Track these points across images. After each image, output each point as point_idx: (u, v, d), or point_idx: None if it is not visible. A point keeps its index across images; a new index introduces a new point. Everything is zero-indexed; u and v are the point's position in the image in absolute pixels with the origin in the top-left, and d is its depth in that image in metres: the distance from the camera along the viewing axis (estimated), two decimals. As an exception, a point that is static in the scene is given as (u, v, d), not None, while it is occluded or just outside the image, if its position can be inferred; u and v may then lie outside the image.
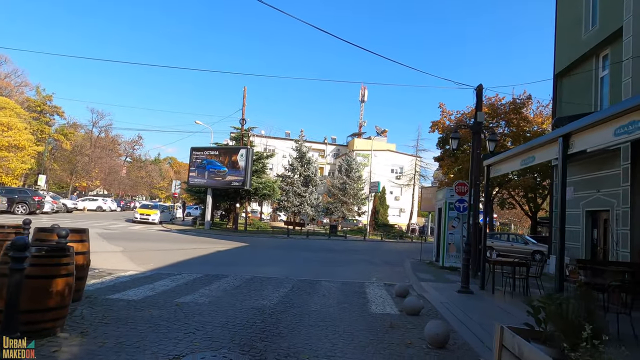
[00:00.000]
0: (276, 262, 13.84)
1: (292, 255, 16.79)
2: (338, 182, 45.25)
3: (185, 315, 5.73)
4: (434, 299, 8.73)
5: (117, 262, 10.54)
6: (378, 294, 8.76)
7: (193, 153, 28.75)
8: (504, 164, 9.36)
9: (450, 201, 14.65)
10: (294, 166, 36.08)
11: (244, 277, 9.67)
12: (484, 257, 10.15)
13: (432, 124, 28.37)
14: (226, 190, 28.86)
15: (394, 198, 61.20)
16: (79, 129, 57.55)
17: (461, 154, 27.07)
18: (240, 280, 9.23)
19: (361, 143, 68.76)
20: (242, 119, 28.34)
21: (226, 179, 27.33)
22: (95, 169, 53.74)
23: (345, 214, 44.82)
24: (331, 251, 19.95)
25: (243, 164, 26.70)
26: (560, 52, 14.85)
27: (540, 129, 25.66)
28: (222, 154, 27.82)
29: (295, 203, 34.83)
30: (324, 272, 11.96)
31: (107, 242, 14.69)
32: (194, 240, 19.20)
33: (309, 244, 23.07)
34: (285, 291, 8.30)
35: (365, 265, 14.80)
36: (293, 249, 19.44)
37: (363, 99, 79.74)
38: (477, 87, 12.63)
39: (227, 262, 12.76)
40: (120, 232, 19.80)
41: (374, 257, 18.57)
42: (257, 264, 12.87)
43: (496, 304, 8.35)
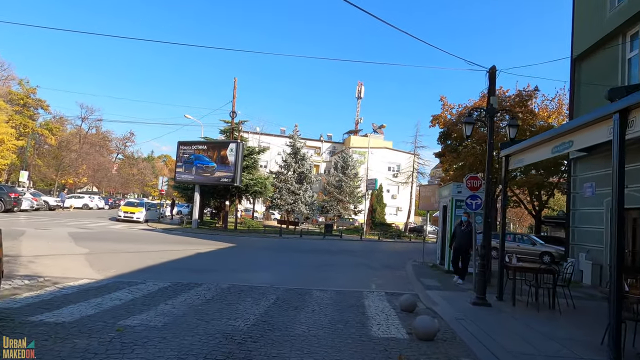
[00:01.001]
0: (263, 266, 12.35)
1: (281, 257, 15.30)
2: (334, 180, 43.79)
3: (122, 348, 4.23)
4: (446, 313, 7.28)
5: (72, 267, 9.01)
6: (380, 308, 7.29)
7: (180, 147, 27.15)
8: (527, 153, 7.91)
9: (457, 198, 13.21)
10: (287, 162, 34.53)
11: (220, 286, 8.17)
12: (502, 261, 8.70)
13: (432, 118, 26.92)
14: (215, 187, 27.30)
15: (391, 196, 59.82)
16: (66, 124, 55.69)
17: (463, 149, 25.70)
18: (214, 290, 7.73)
19: (358, 140, 67.30)
20: (232, 112, 26.78)
21: (215, 175, 25.76)
22: (83, 166, 51.89)
23: (341, 213, 43.37)
24: (325, 252, 18.47)
25: (233, 159, 25.14)
26: (579, 33, 13.44)
27: (545, 123, 24.28)
28: (210, 148, 26.24)
29: (289, 201, 33.31)
30: (316, 279, 10.48)
31: (74, 243, 13.12)
32: (177, 241, 17.67)
33: (301, 245, 21.59)
34: (267, 305, 6.82)
35: (363, 269, 13.35)
36: (284, 251, 17.95)
37: (359, 95, 78.24)
38: (490, 68, 11.15)
39: (206, 266, 11.25)
40: (96, 232, 18.23)
41: (371, 259, 17.12)
42: (240, 268, 11.36)
43: (523, 321, 6.90)
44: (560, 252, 20.38)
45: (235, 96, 26.98)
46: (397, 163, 61.52)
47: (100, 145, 70.25)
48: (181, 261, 11.59)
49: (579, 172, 13.26)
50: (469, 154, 23.71)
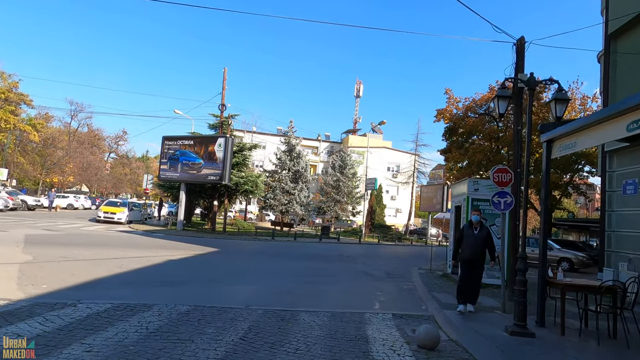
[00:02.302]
0: (243, 276, 10.36)
1: (269, 264, 13.32)
2: (331, 180, 41.83)
3: None
4: (476, 348, 5.35)
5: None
6: (389, 342, 5.35)
7: (165, 143, 25.14)
8: (584, 134, 5.97)
9: (474, 197, 11.30)
10: (282, 160, 32.51)
11: (177, 309, 6.20)
12: (544, 276, 6.77)
13: (437, 112, 24.92)
14: (202, 186, 25.29)
15: (390, 197, 57.92)
16: (53, 120, 53.48)
17: (470, 145, 23.83)
18: (166, 316, 5.77)
19: (356, 140, 65.40)
20: (221, 104, 24.79)
21: (202, 172, 23.77)
22: (70, 164, 49.71)
23: (338, 214, 41.40)
24: (320, 258, 16.50)
25: (221, 155, 23.15)
26: (615, 5, 11.55)
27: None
28: (197, 143, 24.24)
29: (283, 201, 31.30)
30: (306, 294, 8.52)
31: (21, 248, 11.11)
32: (153, 245, 15.67)
33: (295, 249, 19.62)
34: (232, 342, 4.86)
35: (363, 280, 11.38)
36: (273, 256, 15.99)
37: (358, 94, 76.49)
38: (518, 40, 9.31)
39: (173, 278, 9.27)
40: (62, 235, 16.21)
41: (372, 266, 15.17)
42: (214, 280, 9.38)
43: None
44: (581, 259, 18.51)
45: (225, 87, 25.03)
46: (397, 163, 59.66)
47: (91, 143, 68.17)
48: (143, 271, 9.59)
49: (617, 166, 11.34)
50: (477, 150, 21.82)
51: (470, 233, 7.40)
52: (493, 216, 11.22)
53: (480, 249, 7.30)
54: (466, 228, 7.58)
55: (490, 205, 11.31)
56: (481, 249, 7.31)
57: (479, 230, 7.39)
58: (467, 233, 7.43)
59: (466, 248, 7.36)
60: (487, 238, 7.35)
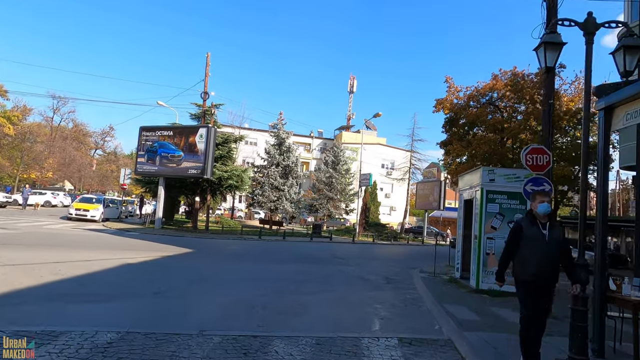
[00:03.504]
0: (212, 285, 8.50)
1: (248, 268, 11.46)
2: (323, 176, 40.03)
3: None
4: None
5: None
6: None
7: (142, 134, 23.14)
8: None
9: (489, 188, 9.55)
10: (271, 155, 30.59)
11: (97, 339, 4.36)
12: (605, 290, 5.02)
13: (436, 102, 23.15)
14: (183, 181, 23.34)
15: (385, 195, 56.26)
16: (31, 114, 51.01)
17: (472, 137, 22.17)
18: (72, 353, 3.91)
19: (350, 136, 63.67)
20: (203, 92, 22.85)
21: (182, 165, 21.83)
22: (50, 159, 47.34)
23: (331, 212, 39.64)
24: (310, 260, 14.69)
25: (203, 147, 21.24)
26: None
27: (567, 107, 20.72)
28: (177, 134, 22.27)
29: (272, 198, 29.41)
30: (287, 310, 6.69)
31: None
32: (119, 246, 13.76)
33: (282, 249, 17.79)
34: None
35: (358, 287, 9.59)
36: (256, 258, 14.16)
37: (352, 89, 74.74)
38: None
39: (118, 289, 7.36)
40: (14, 234, 14.24)
41: (368, 268, 13.40)
42: (173, 290, 7.51)
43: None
44: (596, 259, 16.87)
45: (208, 74, 23.09)
46: (392, 160, 58.05)
47: (76, 139, 65.77)
48: (84, 279, 7.69)
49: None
50: (482, 141, 20.13)
51: (535, 234, 4.18)
52: (512, 211, 9.50)
53: (556, 260, 4.18)
54: (526, 225, 4.28)
55: (509, 199, 9.61)
56: (557, 260, 4.20)
57: (549, 229, 4.19)
58: (530, 233, 4.20)
59: (531, 259, 4.13)
60: (564, 242, 4.48)
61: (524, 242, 4.22)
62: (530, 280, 4.16)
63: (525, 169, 7.55)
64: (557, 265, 4.23)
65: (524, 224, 4.31)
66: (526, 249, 4.19)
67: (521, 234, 4.26)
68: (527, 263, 4.17)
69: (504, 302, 8.21)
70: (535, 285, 4.16)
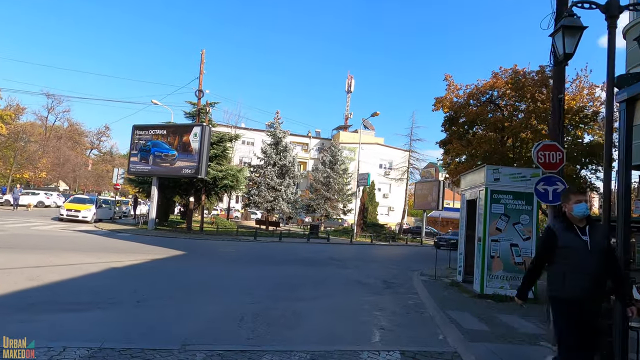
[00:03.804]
0: (201, 291, 8.01)
1: (241, 272, 10.97)
2: (321, 176, 39.52)
3: None
4: None
5: None
6: None
7: (135, 132, 22.62)
8: None
9: (494, 188, 9.11)
10: (267, 154, 30.09)
11: (64, 358, 3.86)
12: (627, 300, 4.53)
13: (435, 100, 22.68)
14: (177, 180, 22.83)
15: (382, 195, 55.81)
16: (24, 113, 50.29)
17: (472, 136, 21.75)
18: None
19: (347, 136, 63.26)
20: (198, 90, 22.35)
21: (175, 165, 21.32)
22: (43, 159, 46.66)
23: (329, 212, 39.14)
24: (306, 262, 14.22)
25: (197, 146, 20.74)
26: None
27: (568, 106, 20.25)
28: (170, 133, 21.76)
29: (268, 198, 28.90)
30: (279, 319, 6.20)
31: None
32: (108, 248, 13.24)
33: (278, 251, 17.31)
34: None
35: (356, 292, 9.12)
36: (250, 261, 13.69)
37: (349, 89, 74.48)
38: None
39: (99, 296, 6.83)
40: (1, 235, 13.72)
41: (366, 271, 12.94)
42: (158, 298, 7.01)
43: None
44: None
45: (203, 72, 22.60)
46: (390, 160, 57.68)
47: (71, 139, 65.10)
48: (62, 286, 7.18)
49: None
50: (483, 140, 19.70)
51: (573, 241, 3.39)
52: (517, 212, 9.07)
53: (603, 272, 3.40)
54: (560, 231, 3.46)
55: (514, 200, 9.16)
56: (604, 273, 3.42)
57: (590, 234, 3.42)
58: (567, 242, 3.40)
59: (571, 274, 3.34)
60: (610, 248, 3.67)
61: (559, 252, 3.41)
62: (571, 301, 3.33)
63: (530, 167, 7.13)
64: (605, 279, 3.45)
65: (557, 230, 3.47)
66: (563, 261, 3.38)
67: (555, 242, 3.43)
68: (566, 279, 3.35)
69: (510, 308, 7.77)
70: (579, 307, 3.32)
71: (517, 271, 8.86)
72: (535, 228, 8.97)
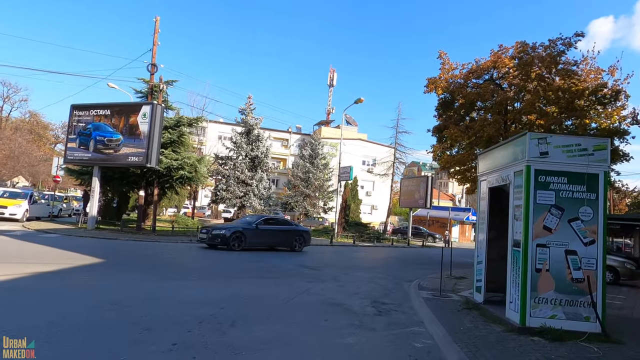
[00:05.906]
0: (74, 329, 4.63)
1: (156, 293, 7.58)
2: (300, 171, 36.31)
3: None
4: None
5: None
6: None
7: (74, 113, 18.92)
8: None
9: (539, 167, 6.06)
10: (237, 144, 26.61)
11: None
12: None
13: (428, 81, 19.64)
14: (125, 171, 19.25)
15: (366, 193, 52.96)
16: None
17: (471, 121, 18.90)
18: None
19: (329, 131, 60.21)
20: (151, 64, 18.80)
21: (120, 151, 17.73)
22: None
23: (308, 210, 35.94)
24: (268, 272, 10.94)
25: (146, 129, 17.23)
26: None
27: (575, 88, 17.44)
28: (115, 113, 18.12)
29: (238, 194, 25.42)
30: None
31: None
32: (9, 255, 9.73)
33: (236, 257, 13.95)
34: None
35: (331, 328, 5.91)
36: (186, 272, 10.32)
37: (332, 83, 71.40)
38: None
39: None
40: None
41: (348, 283, 9.77)
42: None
43: None
44: (629, 267, 13.74)
45: (157, 43, 19.08)
46: (373, 157, 54.87)
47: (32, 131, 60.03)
48: None
49: None
50: (486, 123, 16.79)
51: None
52: (576, 203, 6.03)
53: None
54: None
55: (570, 184, 5.96)
56: None
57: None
58: None
59: None
60: None
61: None
62: None
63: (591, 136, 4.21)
64: None
65: None
66: None
67: None
68: None
69: (575, 352, 4.73)
70: None
71: (575, 292, 5.86)
72: (603, 227, 5.96)
